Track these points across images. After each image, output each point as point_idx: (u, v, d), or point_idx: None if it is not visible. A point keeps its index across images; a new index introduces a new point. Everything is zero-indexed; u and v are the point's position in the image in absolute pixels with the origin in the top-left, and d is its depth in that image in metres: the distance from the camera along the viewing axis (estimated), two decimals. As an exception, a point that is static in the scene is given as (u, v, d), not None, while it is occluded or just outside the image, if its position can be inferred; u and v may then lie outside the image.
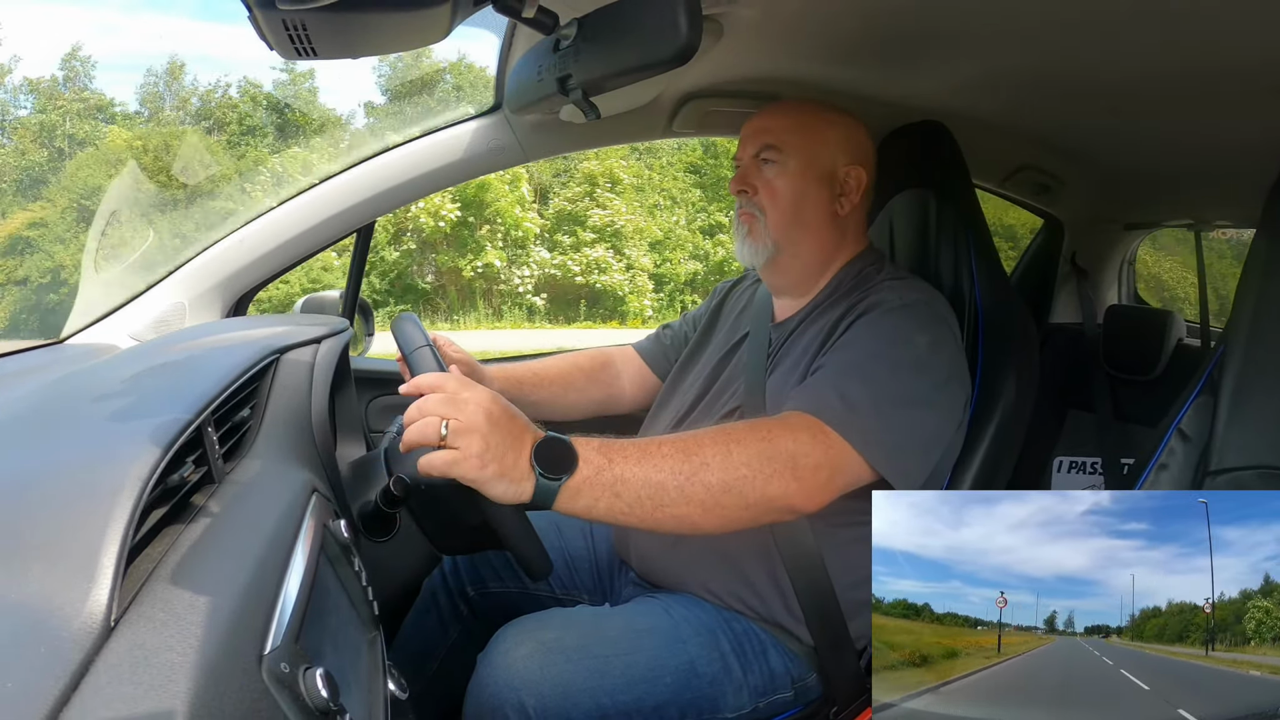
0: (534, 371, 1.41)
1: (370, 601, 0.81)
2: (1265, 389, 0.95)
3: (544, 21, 0.81)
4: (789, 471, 0.93)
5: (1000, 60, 1.27)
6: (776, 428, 0.96)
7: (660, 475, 0.89)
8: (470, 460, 0.83)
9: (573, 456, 0.88)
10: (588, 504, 0.88)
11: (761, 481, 0.91)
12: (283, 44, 0.68)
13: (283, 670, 0.49)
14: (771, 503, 0.93)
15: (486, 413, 0.85)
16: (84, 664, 0.40)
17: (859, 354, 1.06)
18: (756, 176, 1.22)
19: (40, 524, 0.47)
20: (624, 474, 0.89)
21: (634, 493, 0.89)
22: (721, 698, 1.08)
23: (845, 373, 1.04)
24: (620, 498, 0.89)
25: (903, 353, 1.05)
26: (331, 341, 1.07)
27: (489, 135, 1.52)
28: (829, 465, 0.96)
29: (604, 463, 0.89)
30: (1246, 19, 0.98)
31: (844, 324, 1.12)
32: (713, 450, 0.91)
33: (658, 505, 0.89)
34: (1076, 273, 2.19)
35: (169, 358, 0.91)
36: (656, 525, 0.91)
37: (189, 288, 1.51)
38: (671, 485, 0.89)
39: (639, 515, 0.90)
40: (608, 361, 1.51)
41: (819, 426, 0.97)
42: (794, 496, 0.93)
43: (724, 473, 0.90)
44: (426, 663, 1.33)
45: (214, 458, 0.68)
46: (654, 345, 1.53)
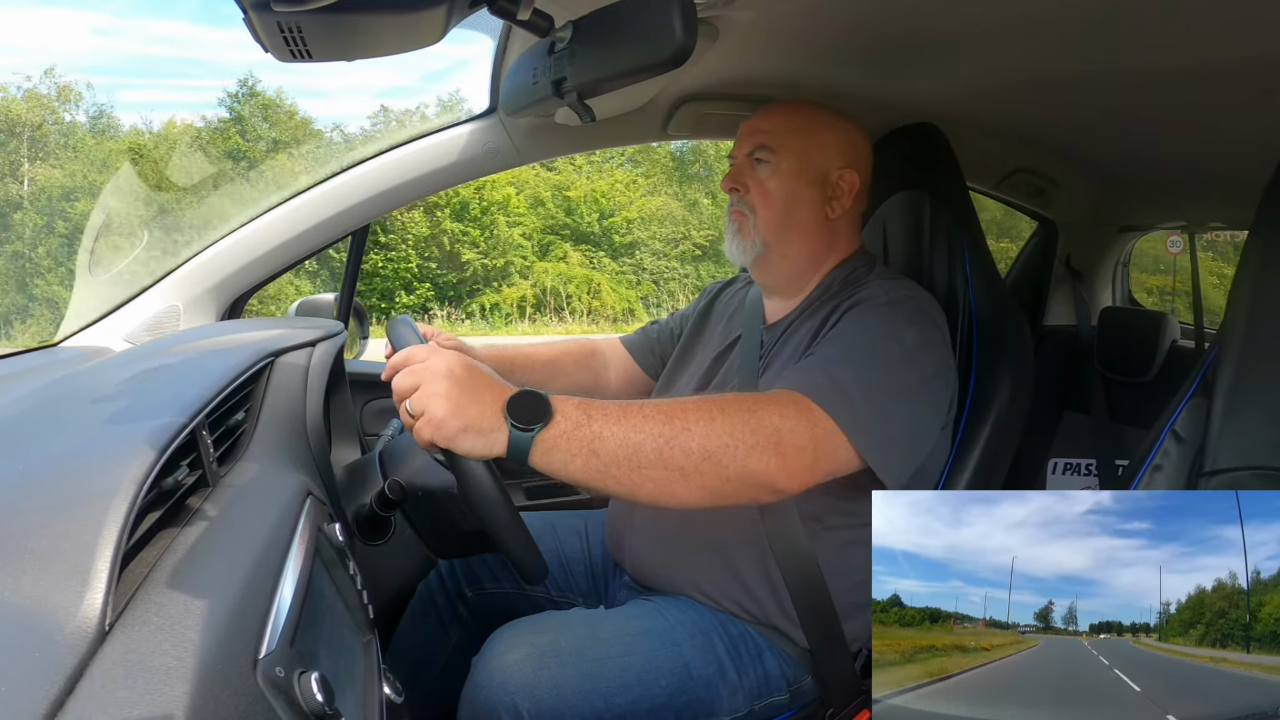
0: (525, 354, 1.41)
1: (365, 605, 0.81)
2: (1259, 390, 0.95)
3: (539, 24, 0.81)
4: (773, 447, 0.90)
5: (995, 63, 1.28)
6: (763, 401, 0.94)
7: (640, 436, 0.87)
8: (432, 424, 0.83)
9: (547, 408, 0.86)
10: (564, 460, 0.86)
11: (744, 453, 0.89)
12: (278, 46, 0.68)
13: (278, 674, 0.49)
14: (753, 477, 0.90)
15: (448, 372, 0.85)
16: (78, 668, 0.40)
17: (846, 345, 1.06)
18: (749, 175, 1.22)
19: (34, 527, 0.47)
20: (602, 431, 0.87)
21: (611, 452, 0.87)
22: (717, 700, 1.08)
23: (833, 360, 1.04)
24: (597, 456, 0.86)
25: (889, 346, 1.05)
26: (326, 344, 1.07)
27: (484, 138, 1.52)
28: (814, 446, 0.93)
29: (582, 418, 0.87)
30: (1239, 21, 0.99)
31: (832, 319, 1.12)
32: (696, 416, 0.89)
33: (635, 467, 0.87)
34: (1071, 275, 2.20)
35: (163, 361, 0.91)
36: (633, 489, 0.89)
37: (183, 291, 1.50)
38: (650, 448, 0.87)
39: (615, 477, 0.87)
40: (595, 350, 1.51)
41: (806, 404, 0.95)
42: (776, 474, 0.91)
43: (705, 439, 0.88)
44: (428, 666, 1.33)
45: (208, 461, 0.68)
46: (641, 340, 1.53)
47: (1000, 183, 1.93)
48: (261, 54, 0.71)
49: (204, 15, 25.25)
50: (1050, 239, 2.20)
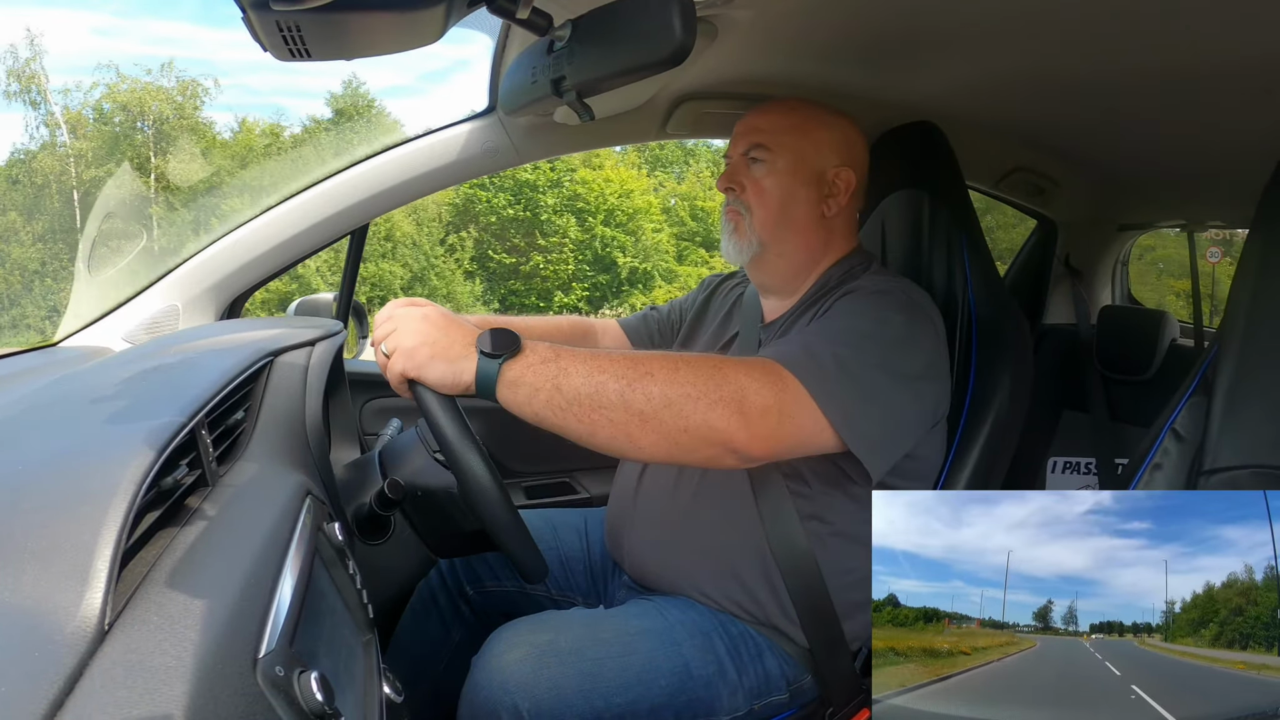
0: (512, 323, 1.39)
1: (365, 604, 0.81)
2: (1259, 388, 0.95)
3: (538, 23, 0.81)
4: (735, 405, 0.89)
5: (994, 61, 1.28)
6: (731, 362, 0.94)
7: (603, 376, 0.88)
8: (402, 353, 0.89)
9: (516, 341, 0.89)
10: (528, 393, 0.88)
11: (705, 406, 0.88)
12: (277, 45, 0.68)
13: (277, 674, 0.49)
14: (713, 432, 0.89)
15: (422, 315, 0.91)
16: (78, 668, 0.40)
17: (828, 326, 1.06)
18: (744, 175, 1.22)
19: (34, 527, 0.47)
20: (568, 368, 0.88)
21: (575, 388, 0.88)
22: (717, 700, 1.08)
23: (812, 335, 1.04)
24: (560, 392, 0.88)
25: (873, 328, 1.04)
26: (325, 344, 1.07)
27: (483, 137, 1.52)
28: (778, 408, 0.92)
29: (550, 354, 0.89)
30: (1239, 21, 0.99)
31: (824, 309, 1.12)
32: (661, 364, 0.90)
33: (596, 406, 0.88)
34: (1070, 274, 2.20)
35: (162, 360, 0.91)
36: (593, 430, 0.89)
37: (182, 290, 1.50)
38: (613, 389, 0.88)
39: (576, 415, 0.88)
40: (588, 329, 1.49)
41: (775, 368, 0.95)
42: (737, 434, 0.89)
43: (668, 386, 0.88)
44: (429, 665, 1.33)
45: (208, 460, 0.68)
46: (640, 324, 1.52)
47: (999, 181, 1.93)
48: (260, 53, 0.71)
49: (204, 15, 25.32)
50: (1049, 238, 2.20)
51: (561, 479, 1.89)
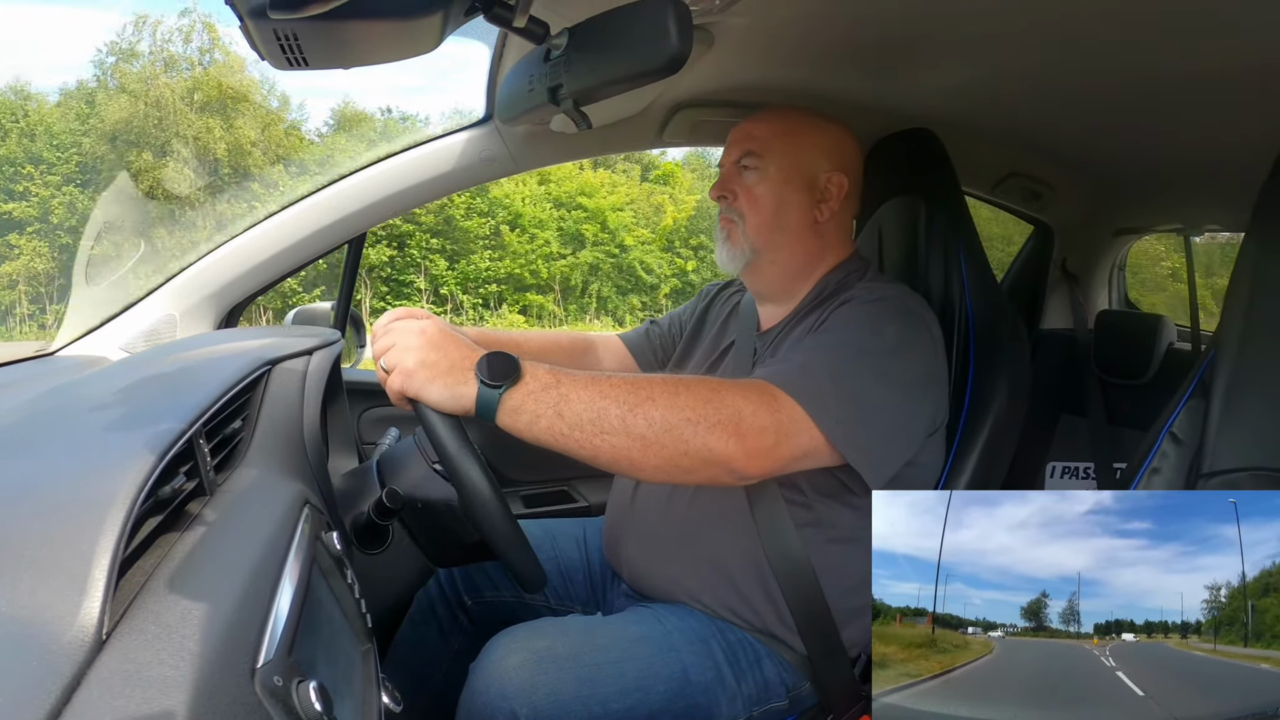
0: (514, 341, 1.39)
1: (363, 614, 0.81)
2: (1257, 391, 0.95)
3: (535, 31, 0.81)
4: (732, 427, 0.91)
5: (989, 67, 1.28)
6: (727, 385, 0.95)
7: (605, 402, 0.89)
8: (402, 373, 0.88)
9: (516, 367, 0.89)
10: (530, 419, 0.88)
11: (704, 430, 0.90)
12: (274, 54, 0.68)
13: (276, 683, 0.49)
14: (712, 454, 0.90)
15: (421, 331, 0.90)
16: (76, 677, 0.40)
17: (822, 339, 1.07)
18: (737, 182, 1.22)
19: (32, 536, 0.47)
20: (569, 394, 0.89)
21: (576, 414, 0.88)
22: (715, 706, 1.08)
23: (807, 351, 1.04)
24: (562, 417, 0.88)
25: (868, 339, 1.04)
26: (323, 353, 1.07)
27: (480, 146, 1.52)
28: (775, 428, 0.93)
29: (550, 380, 0.89)
30: (1233, 24, 0.99)
31: (820, 321, 1.12)
32: (661, 389, 0.91)
33: (599, 431, 0.88)
34: (1067, 278, 2.20)
35: (160, 369, 0.91)
36: (595, 454, 0.90)
37: (180, 299, 1.50)
38: (614, 413, 0.89)
39: (579, 440, 0.89)
40: (589, 345, 1.49)
41: (770, 389, 0.96)
42: (735, 456, 0.91)
43: (668, 411, 0.89)
44: (428, 674, 1.32)
45: (206, 469, 0.67)
46: (641, 339, 1.51)
47: (995, 187, 1.93)
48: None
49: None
50: (1046, 242, 2.20)
51: (560, 488, 1.89)
